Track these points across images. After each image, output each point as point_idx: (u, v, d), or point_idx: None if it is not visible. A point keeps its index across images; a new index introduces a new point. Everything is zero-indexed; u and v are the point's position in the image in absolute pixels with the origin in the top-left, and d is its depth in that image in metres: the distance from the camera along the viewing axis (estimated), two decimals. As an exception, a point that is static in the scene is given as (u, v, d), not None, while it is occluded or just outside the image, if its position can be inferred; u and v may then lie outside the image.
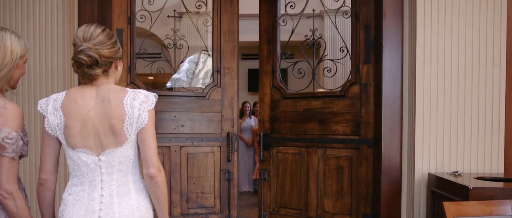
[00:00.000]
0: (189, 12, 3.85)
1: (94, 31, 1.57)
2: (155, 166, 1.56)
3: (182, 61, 3.85)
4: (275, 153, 3.88)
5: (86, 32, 1.56)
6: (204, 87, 3.75)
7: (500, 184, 2.59)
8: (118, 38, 3.35)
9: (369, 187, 3.51)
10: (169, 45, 3.80)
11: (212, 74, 3.71)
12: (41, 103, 1.62)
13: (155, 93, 1.64)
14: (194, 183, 3.60)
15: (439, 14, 3.06)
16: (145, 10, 3.65)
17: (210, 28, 3.80)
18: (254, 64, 10.28)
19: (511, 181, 2.75)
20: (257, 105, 7.37)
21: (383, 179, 3.27)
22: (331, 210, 3.64)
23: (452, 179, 2.75)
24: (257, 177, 6.87)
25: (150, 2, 3.67)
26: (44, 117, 1.60)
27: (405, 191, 3.27)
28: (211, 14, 3.77)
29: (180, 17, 3.78)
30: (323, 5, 3.84)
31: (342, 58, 3.72)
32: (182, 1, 3.82)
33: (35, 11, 3.14)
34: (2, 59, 1.59)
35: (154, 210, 1.69)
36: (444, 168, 3.08)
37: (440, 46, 3.07)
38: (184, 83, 4.51)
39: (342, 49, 3.74)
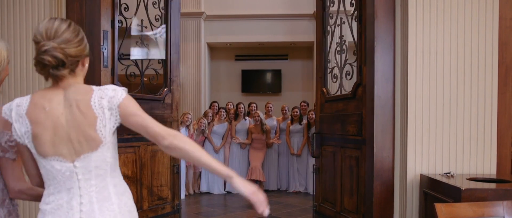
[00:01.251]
0: (151, 24, 3.97)
1: (59, 27, 1.40)
2: (163, 136, 1.41)
3: (147, 68, 3.90)
4: (323, 151, 4.19)
5: (49, 29, 1.38)
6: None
7: (492, 185, 2.57)
8: (105, 39, 3.36)
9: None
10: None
11: (165, 81, 4.01)
12: (5, 109, 1.48)
13: (123, 88, 1.51)
14: (156, 178, 3.90)
15: (431, 14, 3.04)
16: (122, 15, 3.62)
17: (163, 40, 4.10)
18: (248, 65, 10.30)
19: (504, 182, 2.73)
20: (252, 105, 7.32)
21: (375, 180, 3.24)
22: (347, 207, 3.74)
23: (444, 180, 2.73)
24: (251, 178, 6.84)
25: (125, 9, 3.65)
26: (10, 124, 1.47)
27: (398, 192, 3.24)
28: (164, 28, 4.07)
29: (146, 27, 3.90)
30: (345, 9, 3.93)
31: (354, 61, 3.71)
32: (147, 14, 3.87)
33: (21, 10, 3.08)
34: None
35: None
36: (436, 169, 3.05)
37: (432, 47, 3.06)
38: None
39: (355, 52, 3.72)
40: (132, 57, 4.11)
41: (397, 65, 3.22)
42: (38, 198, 1.54)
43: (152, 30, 3.98)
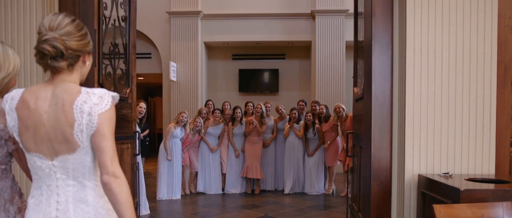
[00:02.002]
0: (120, 24, 3.96)
1: (62, 21, 1.43)
2: (108, 171, 1.40)
3: (118, 67, 3.89)
4: (354, 150, 4.24)
5: (53, 21, 1.42)
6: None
7: (491, 186, 2.53)
8: (92, 38, 3.35)
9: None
10: (110, 48, 3.85)
11: (127, 80, 4.02)
12: (4, 100, 1.53)
13: (114, 93, 1.48)
14: None
15: (430, 12, 3.00)
16: (104, 15, 3.59)
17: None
18: (245, 64, 10.26)
19: (503, 183, 2.69)
20: (249, 105, 7.24)
21: (372, 181, 3.21)
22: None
23: (442, 180, 2.69)
24: (247, 176, 6.81)
25: (105, 8, 3.63)
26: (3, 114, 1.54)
27: (395, 193, 3.21)
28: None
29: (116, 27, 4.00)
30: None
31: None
32: (117, 14, 3.85)
33: (13, 10, 3.03)
34: (7, 69, 1.68)
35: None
36: (435, 169, 3.02)
37: (430, 45, 3.02)
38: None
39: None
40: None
41: (395, 63, 3.18)
42: None
43: (120, 30, 4.01)
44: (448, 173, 2.91)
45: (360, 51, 3.91)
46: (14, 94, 1.50)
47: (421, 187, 2.92)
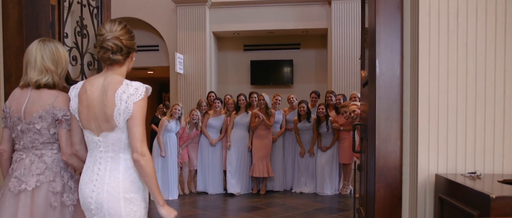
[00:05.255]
0: (89, 3, 3.55)
1: (118, 26, 1.87)
2: (138, 151, 1.80)
3: (86, 52, 3.47)
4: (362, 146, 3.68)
5: (112, 26, 1.86)
6: None
7: (536, 191, 1.81)
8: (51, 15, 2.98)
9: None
10: (78, 33, 3.42)
11: (99, 68, 3.59)
12: (70, 89, 1.97)
13: (148, 86, 1.86)
14: None
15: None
16: None
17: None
18: (258, 55, 9.62)
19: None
20: (253, 96, 6.56)
21: (377, 182, 2.52)
22: None
23: (468, 183, 1.99)
24: (253, 174, 6.14)
25: None
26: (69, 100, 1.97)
27: (407, 197, 2.51)
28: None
29: (84, 6, 3.61)
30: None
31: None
32: None
33: None
34: (62, 64, 2.11)
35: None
36: (457, 167, 2.30)
37: (452, 7, 2.30)
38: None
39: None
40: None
41: (406, 31, 2.48)
42: (80, 163, 2.03)
43: (90, 9, 3.56)
44: (475, 172, 2.19)
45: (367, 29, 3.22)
46: (78, 85, 1.95)
47: (438, 191, 2.22)
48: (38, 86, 2.05)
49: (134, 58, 1.97)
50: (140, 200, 1.89)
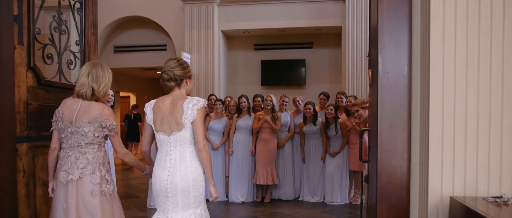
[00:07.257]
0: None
1: (173, 62, 2.59)
2: (200, 144, 2.53)
3: (65, 49, 3.27)
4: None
5: (169, 62, 2.60)
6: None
7: None
8: (19, 7, 2.81)
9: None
10: (55, 29, 3.18)
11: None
12: (146, 105, 2.69)
13: (204, 99, 2.63)
14: None
15: None
16: None
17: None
18: (269, 55, 9.21)
19: None
20: (257, 99, 6.14)
21: (379, 202, 2.09)
22: None
23: (491, 211, 1.54)
24: (257, 182, 5.71)
25: None
26: (145, 113, 2.68)
27: (415, 223, 2.07)
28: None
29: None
30: None
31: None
32: None
33: None
34: (105, 81, 2.67)
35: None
36: (478, 189, 1.85)
37: (472, -10, 1.85)
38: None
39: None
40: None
41: (415, 19, 2.04)
42: (133, 160, 2.81)
43: (71, 4, 3.34)
44: (501, 197, 1.73)
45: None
46: (152, 102, 2.68)
47: (454, 219, 1.77)
48: (84, 97, 2.61)
49: (190, 83, 2.66)
50: (202, 180, 2.59)
